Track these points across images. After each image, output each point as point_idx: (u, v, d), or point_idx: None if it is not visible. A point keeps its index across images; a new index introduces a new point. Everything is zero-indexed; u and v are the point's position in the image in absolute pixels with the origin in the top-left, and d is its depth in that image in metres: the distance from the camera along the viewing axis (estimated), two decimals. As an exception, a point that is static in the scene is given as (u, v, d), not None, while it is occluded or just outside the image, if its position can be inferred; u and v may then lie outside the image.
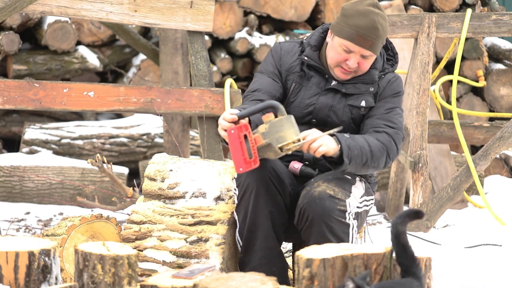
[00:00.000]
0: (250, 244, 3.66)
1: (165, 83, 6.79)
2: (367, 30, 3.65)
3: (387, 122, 3.77)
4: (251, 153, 3.50)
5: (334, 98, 3.81)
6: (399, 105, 3.85)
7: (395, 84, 3.86)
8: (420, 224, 5.95)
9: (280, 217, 3.68)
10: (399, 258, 3.08)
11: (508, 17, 6.24)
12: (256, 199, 3.61)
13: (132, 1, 6.19)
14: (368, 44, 3.67)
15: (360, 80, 3.81)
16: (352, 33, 3.66)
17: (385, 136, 3.73)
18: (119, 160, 7.35)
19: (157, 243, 3.77)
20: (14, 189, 6.74)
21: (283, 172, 3.68)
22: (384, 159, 3.71)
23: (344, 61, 3.73)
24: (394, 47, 3.93)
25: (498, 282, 4.60)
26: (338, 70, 3.77)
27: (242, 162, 3.51)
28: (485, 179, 7.53)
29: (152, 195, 3.97)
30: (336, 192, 3.61)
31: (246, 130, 3.52)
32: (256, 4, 7.86)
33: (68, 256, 3.89)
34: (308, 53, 3.83)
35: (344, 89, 3.80)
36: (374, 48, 3.70)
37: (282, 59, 3.88)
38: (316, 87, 3.82)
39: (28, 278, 3.11)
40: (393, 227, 3.06)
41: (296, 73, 3.85)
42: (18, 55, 7.39)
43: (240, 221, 3.68)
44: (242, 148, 3.50)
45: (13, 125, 7.62)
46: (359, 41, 3.67)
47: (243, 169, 3.52)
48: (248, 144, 3.51)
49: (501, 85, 8.25)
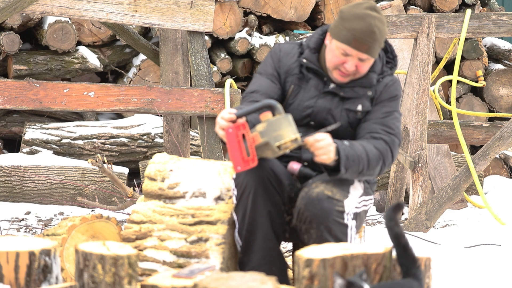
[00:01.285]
0: (250, 244, 3.67)
1: (165, 83, 6.80)
2: (364, 34, 3.65)
3: (385, 127, 3.76)
4: (249, 152, 3.51)
5: (332, 101, 3.81)
6: (397, 109, 3.84)
7: (393, 87, 3.85)
8: (420, 224, 5.95)
9: (279, 217, 3.68)
10: (400, 258, 3.09)
11: (508, 17, 6.25)
12: (255, 199, 3.62)
13: (132, 2, 6.20)
14: (365, 48, 3.67)
15: (359, 83, 3.80)
16: (349, 36, 3.66)
17: (382, 144, 3.72)
18: (119, 160, 7.36)
19: (157, 243, 3.78)
20: (14, 189, 6.74)
21: (281, 173, 3.68)
22: (380, 167, 3.73)
23: (342, 64, 3.72)
24: (393, 49, 3.92)
25: (498, 282, 4.60)
26: (336, 73, 3.77)
27: (240, 161, 3.52)
28: (484, 179, 7.54)
29: (152, 195, 3.97)
30: (334, 193, 3.61)
31: (244, 129, 3.53)
32: (256, 4, 7.86)
33: (68, 256, 3.89)
34: (307, 55, 3.83)
35: (343, 92, 3.80)
36: (371, 52, 3.69)
37: (281, 61, 3.88)
38: (314, 89, 3.82)
39: (28, 278, 3.12)
40: (390, 230, 3.07)
41: (295, 75, 3.84)
42: (18, 55, 7.40)
43: (239, 221, 3.68)
44: (240, 147, 3.51)
45: (14, 125, 7.62)
46: (356, 45, 3.67)
47: (241, 167, 3.52)
48: (246, 143, 3.51)
49: (501, 85, 8.25)
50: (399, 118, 3.83)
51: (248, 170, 3.58)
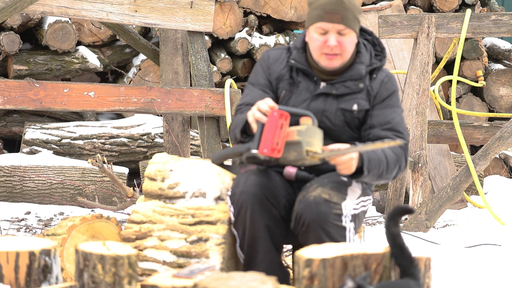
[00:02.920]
0: (252, 258, 3.69)
1: (165, 83, 6.80)
2: (332, 4, 3.69)
3: (397, 133, 3.77)
4: (279, 143, 3.52)
5: (326, 102, 3.80)
6: (398, 104, 3.84)
7: (389, 84, 3.85)
8: (420, 224, 5.95)
9: (278, 228, 3.69)
10: (397, 259, 3.09)
11: (508, 17, 6.25)
12: (252, 216, 3.63)
13: (132, 2, 6.20)
14: (339, 18, 3.69)
15: (348, 77, 3.79)
16: (320, 13, 3.70)
17: (399, 149, 3.75)
18: (119, 160, 7.36)
19: (157, 243, 3.78)
20: (14, 189, 6.74)
21: (276, 186, 3.68)
22: (396, 171, 3.76)
23: (325, 44, 3.72)
24: (381, 42, 3.93)
25: (498, 282, 4.60)
26: (323, 59, 3.75)
27: (269, 145, 3.51)
28: (484, 179, 7.54)
29: (152, 195, 3.97)
30: (331, 196, 3.61)
31: (286, 119, 3.54)
32: (256, 4, 7.86)
33: (68, 256, 3.89)
34: (295, 55, 3.83)
35: (334, 90, 3.78)
36: (346, 21, 3.70)
37: (270, 68, 3.87)
38: (305, 92, 3.81)
39: (28, 278, 3.12)
40: (387, 229, 3.07)
41: (286, 80, 3.84)
42: (18, 55, 7.40)
43: (240, 237, 3.70)
44: (276, 133, 3.50)
45: (14, 125, 7.62)
46: (328, 17, 3.69)
47: (267, 152, 3.51)
48: (281, 133, 3.52)
49: (501, 85, 8.26)
50: (402, 116, 3.84)
51: (242, 188, 3.61)
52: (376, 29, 7.01)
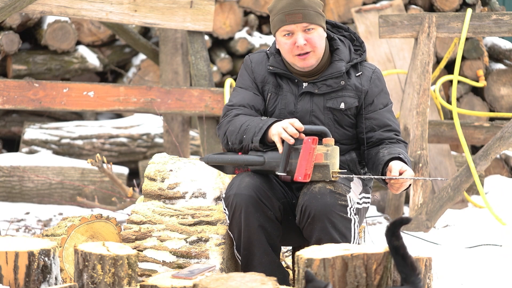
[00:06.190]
0: (249, 260, 3.68)
1: (165, 83, 6.79)
2: (291, 6, 3.73)
3: (396, 132, 3.87)
4: (309, 167, 3.56)
5: (311, 102, 3.81)
6: (388, 100, 3.90)
7: (377, 80, 3.88)
8: (421, 224, 5.94)
9: (274, 229, 3.68)
10: (398, 266, 3.07)
11: (508, 17, 6.24)
12: (247, 218, 3.62)
13: (132, 1, 6.19)
14: (300, 17, 3.72)
15: (328, 76, 3.81)
16: (281, 17, 3.75)
17: (403, 146, 3.85)
18: (119, 160, 7.35)
19: (157, 243, 3.77)
20: (14, 189, 6.73)
21: (270, 188, 3.68)
22: None
23: (294, 45, 3.74)
24: (359, 36, 3.97)
25: (498, 282, 4.60)
26: (297, 60, 3.77)
27: (303, 172, 3.56)
28: (485, 179, 7.53)
29: (152, 195, 3.96)
30: (336, 187, 3.61)
31: (315, 144, 3.57)
32: (256, 4, 7.85)
33: (68, 256, 3.88)
34: (272, 62, 3.86)
35: (316, 89, 3.80)
36: (308, 18, 3.73)
37: (254, 72, 3.90)
38: (290, 94, 3.83)
39: (27, 278, 3.11)
40: (389, 244, 3.05)
41: (270, 83, 3.87)
42: (18, 55, 7.39)
43: (236, 239, 3.70)
44: (310, 160, 3.56)
45: (13, 125, 7.62)
46: (290, 19, 3.73)
47: (302, 179, 3.57)
48: (313, 159, 3.58)
49: (501, 85, 8.25)
50: (392, 110, 3.92)
51: (236, 190, 3.61)
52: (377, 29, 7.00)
